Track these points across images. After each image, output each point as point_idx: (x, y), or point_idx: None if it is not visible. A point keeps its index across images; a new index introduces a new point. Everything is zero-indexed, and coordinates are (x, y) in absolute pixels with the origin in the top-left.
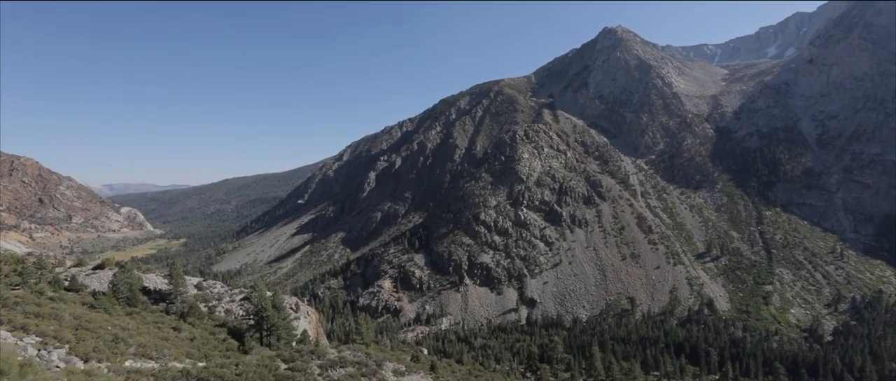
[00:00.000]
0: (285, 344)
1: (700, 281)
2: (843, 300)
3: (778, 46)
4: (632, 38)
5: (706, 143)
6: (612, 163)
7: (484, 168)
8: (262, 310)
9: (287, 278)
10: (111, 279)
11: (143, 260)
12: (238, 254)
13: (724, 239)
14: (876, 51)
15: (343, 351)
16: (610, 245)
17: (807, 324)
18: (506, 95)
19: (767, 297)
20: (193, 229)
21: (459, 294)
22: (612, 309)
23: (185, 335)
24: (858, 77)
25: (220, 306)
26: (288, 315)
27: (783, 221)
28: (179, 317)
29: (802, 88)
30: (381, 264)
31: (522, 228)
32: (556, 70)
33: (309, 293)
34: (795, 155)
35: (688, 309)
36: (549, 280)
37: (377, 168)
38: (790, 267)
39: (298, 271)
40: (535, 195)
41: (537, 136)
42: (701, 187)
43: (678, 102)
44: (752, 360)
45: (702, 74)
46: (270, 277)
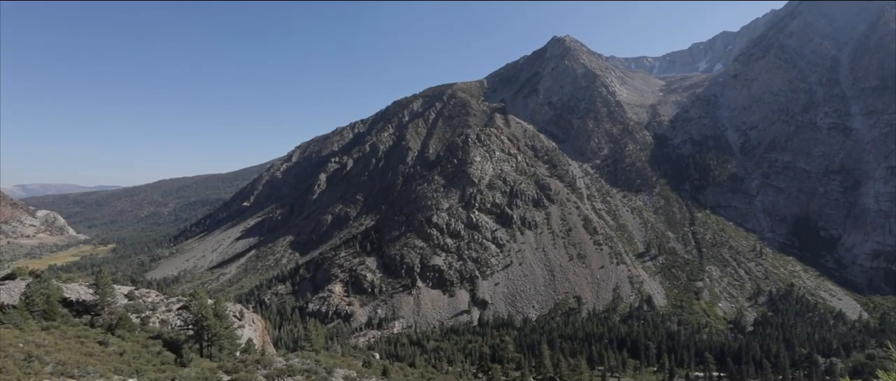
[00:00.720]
0: (228, 355)
1: (640, 279)
2: (762, 294)
3: (708, 61)
4: (579, 47)
5: (646, 149)
6: (560, 167)
7: (437, 171)
8: (203, 319)
9: (231, 284)
10: (24, 291)
11: (63, 268)
12: (176, 260)
13: (661, 239)
14: (788, 69)
15: (291, 359)
16: (558, 246)
17: (732, 316)
18: (459, 98)
19: (699, 292)
20: (124, 234)
21: (412, 297)
22: (561, 308)
23: (114, 349)
24: (774, 92)
25: (154, 317)
26: (231, 324)
27: (712, 222)
28: (107, 330)
29: (728, 101)
30: (332, 267)
31: (474, 230)
32: (508, 75)
33: (255, 300)
34: (722, 161)
35: (629, 306)
36: (501, 281)
37: (328, 170)
38: (718, 264)
39: (243, 277)
40: (486, 198)
41: (489, 139)
42: (641, 191)
43: (621, 110)
44: (686, 351)
45: (642, 84)
46: (212, 283)
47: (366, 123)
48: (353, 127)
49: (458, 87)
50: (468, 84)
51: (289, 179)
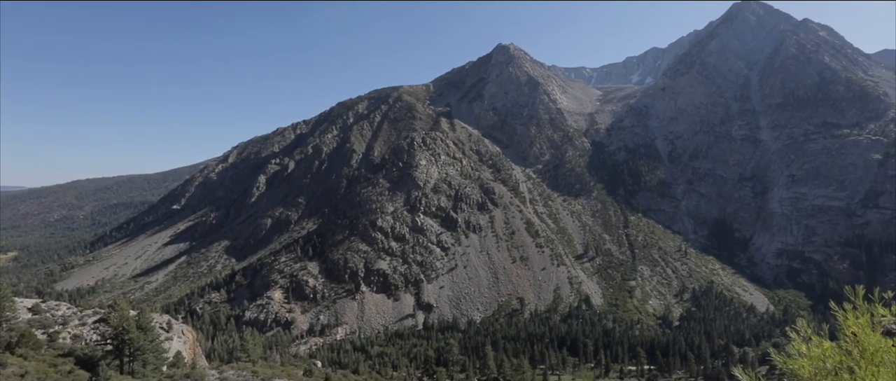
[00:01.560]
0: (154, 370)
1: (579, 280)
2: (687, 291)
3: (640, 74)
4: (523, 55)
5: (584, 155)
6: (504, 171)
7: (381, 174)
8: (124, 332)
9: (157, 293)
10: None
11: None
12: (92, 268)
13: (598, 241)
14: (708, 85)
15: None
16: (502, 249)
17: (661, 312)
18: (405, 101)
19: (632, 291)
20: (28, 241)
21: (356, 302)
22: (504, 309)
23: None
24: (697, 105)
25: (65, 332)
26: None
27: (644, 224)
28: (4, 349)
29: (658, 112)
30: (271, 273)
31: (419, 234)
32: (454, 80)
33: (185, 310)
34: (652, 168)
35: (569, 306)
36: (446, 284)
37: (268, 172)
38: (649, 264)
39: (172, 286)
40: (431, 201)
41: (435, 143)
42: (580, 195)
43: (562, 117)
44: (620, 347)
45: (581, 93)
46: (136, 293)
47: (309, 123)
48: (295, 128)
49: (404, 90)
50: (414, 87)
51: (225, 181)
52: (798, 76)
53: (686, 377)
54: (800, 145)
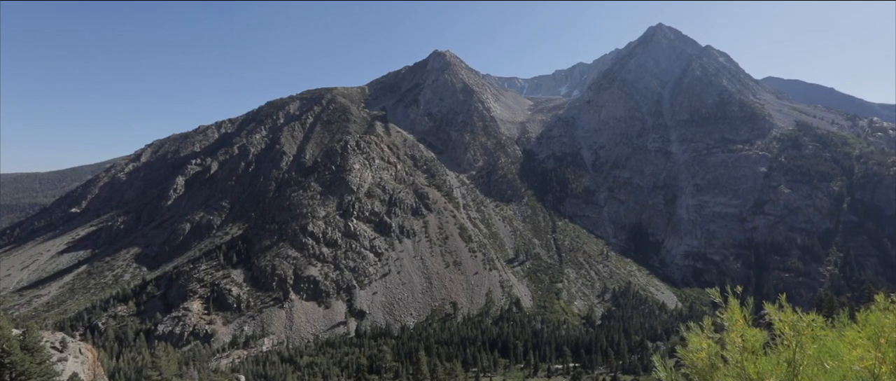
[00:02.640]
0: None
1: (510, 283)
2: (608, 291)
3: (568, 87)
4: (458, 63)
5: (516, 162)
6: (438, 177)
7: (313, 177)
8: (4, 355)
9: (49, 308)
10: None
11: None
12: None
13: (528, 246)
14: (628, 100)
15: None
16: (435, 254)
17: (585, 312)
18: (339, 103)
19: (559, 293)
20: None
21: (284, 311)
22: (437, 314)
23: None
24: (618, 118)
25: None
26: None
27: (570, 229)
28: None
29: (583, 123)
30: (190, 282)
31: (352, 239)
32: (390, 84)
33: (84, 326)
34: (578, 176)
35: (500, 308)
36: (379, 290)
37: (187, 173)
38: (574, 267)
39: (68, 299)
40: (365, 206)
41: (369, 147)
42: (512, 201)
43: (495, 125)
44: (548, 347)
45: (513, 102)
46: (22, 309)
47: (235, 122)
48: (219, 126)
49: (339, 91)
50: (349, 89)
51: (136, 182)
52: (702, 96)
53: (607, 371)
54: (703, 158)
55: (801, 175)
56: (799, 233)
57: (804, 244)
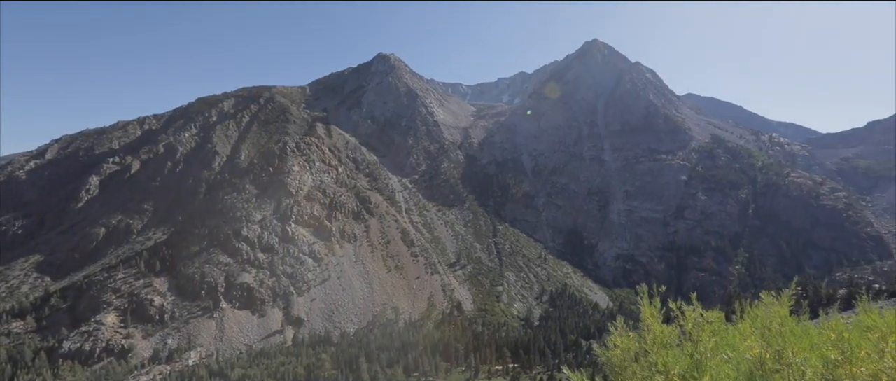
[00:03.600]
0: None
1: (451, 287)
2: (545, 293)
3: (509, 95)
4: (403, 66)
5: (458, 167)
6: (380, 180)
7: (249, 179)
8: None
9: None
10: None
11: None
12: None
13: (469, 250)
14: (565, 109)
15: None
16: (377, 259)
17: (524, 314)
18: (278, 103)
19: (499, 295)
20: None
21: (214, 321)
22: (378, 319)
23: None
24: (556, 127)
25: None
26: None
27: (510, 233)
28: None
29: (524, 130)
30: (104, 293)
31: (290, 244)
32: (332, 85)
33: None
34: (519, 181)
35: (442, 312)
36: (318, 297)
37: (103, 172)
38: (514, 270)
39: None
40: (304, 210)
41: (309, 149)
42: (454, 205)
43: (438, 130)
44: (488, 349)
45: (457, 108)
46: None
47: (160, 119)
48: (142, 122)
49: (278, 90)
50: (289, 89)
51: (39, 182)
52: (631, 108)
53: (544, 370)
54: (632, 166)
55: (715, 184)
56: (713, 236)
57: (717, 246)
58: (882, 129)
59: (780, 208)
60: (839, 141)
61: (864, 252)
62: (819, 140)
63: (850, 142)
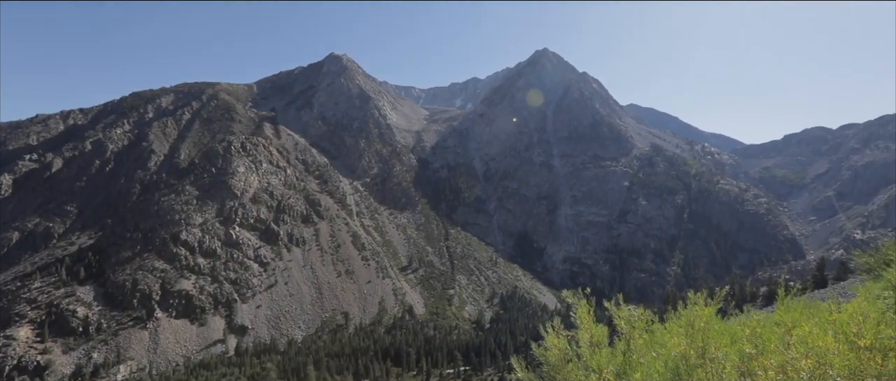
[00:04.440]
0: None
1: (403, 291)
2: (496, 296)
3: (462, 99)
4: (355, 68)
5: (411, 171)
6: (331, 183)
7: (189, 180)
8: None
9: None
10: None
11: None
12: None
13: (421, 253)
14: (516, 115)
15: None
16: (327, 263)
17: (475, 317)
18: (222, 100)
19: (451, 299)
20: None
21: (147, 332)
22: (328, 326)
23: None
24: (507, 132)
25: None
26: None
27: (462, 237)
28: None
29: (476, 135)
30: (16, 304)
31: (234, 248)
32: (281, 84)
33: None
34: (471, 186)
35: (393, 317)
36: (263, 303)
37: (18, 170)
38: (465, 273)
39: None
40: (250, 213)
41: (256, 150)
42: (406, 209)
43: (391, 132)
44: (440, 353)
45: (410, 111)
46: None
47: (88, 113)
48: (66, 117)
49: (223, 87)
50: (234, 86)
51: None
52: (579, 117)
53: (495, 372)
54: (579, 172)
55: (654, 190)
56: (653, 239)
57: (656, 248)
58: (796, 141)
59: (711, 212)
60: (760, 152)
61: (782, 253)
62: (743, 150)
63: (769, 153)
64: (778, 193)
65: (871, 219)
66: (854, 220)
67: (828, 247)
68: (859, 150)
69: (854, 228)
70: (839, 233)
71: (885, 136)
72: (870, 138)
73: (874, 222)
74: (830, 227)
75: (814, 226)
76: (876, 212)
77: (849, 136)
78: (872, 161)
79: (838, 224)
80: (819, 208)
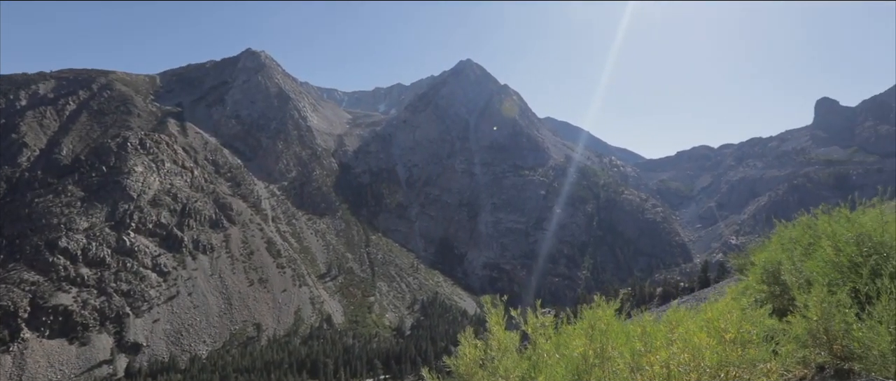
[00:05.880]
0: None
1: (321, 299)
2: (417, 302)
3: (386, 105)
4: (275, 66)
5: (331, 175)
6: (245, 186)
7: (73, 180)
8: None
9: None
10: None
11: None
12: None
13: (341, 260)
14: (440, 123)
15: None
16: (238, 271)
17: (396, 324)
18: (118, 91)
19: (371, 306)
20: None
21: (10, 356)
22: (237, 338)
23: None
24: (431, 139)
25: None
26: None
27: (383, 243)
28: None
29: (399, 141)
30: None
31: (128, 256)
32: (190, 78)
33: None
34: (393, 191)
35: (310, 327)
36: (162, 317)
37: None
38: (386, 280)
39: None
40: (148, 217)
41: (158, 148)
42: (325, 214)
43: (311, 135)
44: (359, 361)
45: (332, 114)
46: None
47: None
48: None
49: (119, 77)
50: (133, 76)
51: None
52: (500, 127)
53: (415, 379)
54: (499, 180)
55: (567, 198)
56: (566, 245)
57: (569, 254)
58: (686, 157)
59: (616, 220)
60: (657, 166)
61: (675, 257)
62: (644, 164)
63: (665, 167)
64: (672, 203)
65: (743, 227)
66: (730, 227)
67: (711, 251)
68: (734, 167)
69: (730, 234)
70: (719, 239)
71: (754, 155)
72: (743, 157)
73: (745, 229)
74: (712, 233)
75: (700, 232)
76: (747, 220)
77: (726, 154)
78: (744, 177)
79: (718, 231)
80: (704, 217)
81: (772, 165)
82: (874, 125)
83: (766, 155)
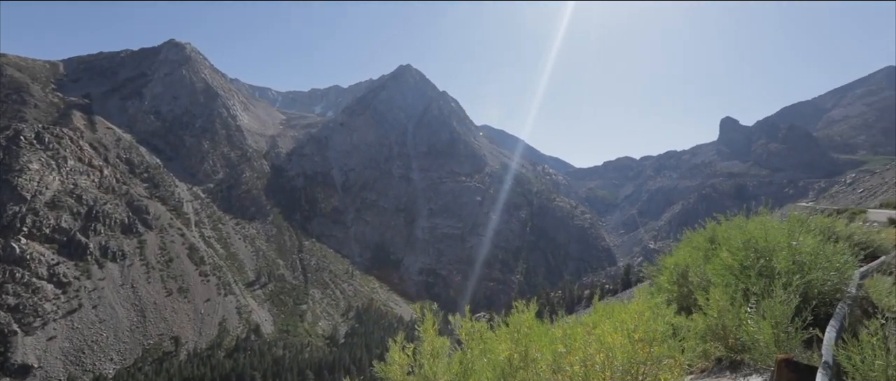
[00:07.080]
0: None
1: (249, 309)
2: (352, 309)
3: (323, 107)
4: (201, 60)
5: (263, 178)
6: (164, 187)
7: None
8: None
9: None
10: None
11: None
12: None
13: (271, 267)
14: (378, 128)
15: None
16: (154, 280)
17: (329, 332)
18: (10, 77)
19: (303, 315)
20: None
21: None
22: (151, 354)
23: None
24: (368, 143)
25: None
26: None
27: (317, 249)
28: None
29: (336, 144)
30: None
31: (17, 266)
32: (101, 68)
33: None
34: (328, 196)
35: (236, 338)
36: (60, 333)
37: None
38: (320, 287)
39: None
40: (45, 221)
41: (59, 143)
42: (255, 219)
43: (241, 135)
44: (290, 373)
45: (264, 114)
46: None
47: None
48: None
49: (12, 61)
50: (31, 61)
51: None
52: (438, 133)
53: None
54: (436, 186)
55: (503, 204)
56: (501, 250)
57: (504, 259)
58: (612, 167)
59: (548, 226)
60: (586, 174)
61: (601, 261)
62: (574, 173)
63: (592, 176)
64: (599, 210)
65: (660, 232)
66: (650, 233)
67: (632, 255)
68: (653, 177)
69: (649, 239)
70: (640, 243)
71: (670, 167)
72: (661, 168)
73: (662, 235)
74: (634, 238)
75: (623, 238)
76: (663, 227)
77: (646, 165)
78: (662, 186)
79: (639, 236)
80: (627, 223)
81: (685, 176)
82: (766, 143)
83: (680, 167)
